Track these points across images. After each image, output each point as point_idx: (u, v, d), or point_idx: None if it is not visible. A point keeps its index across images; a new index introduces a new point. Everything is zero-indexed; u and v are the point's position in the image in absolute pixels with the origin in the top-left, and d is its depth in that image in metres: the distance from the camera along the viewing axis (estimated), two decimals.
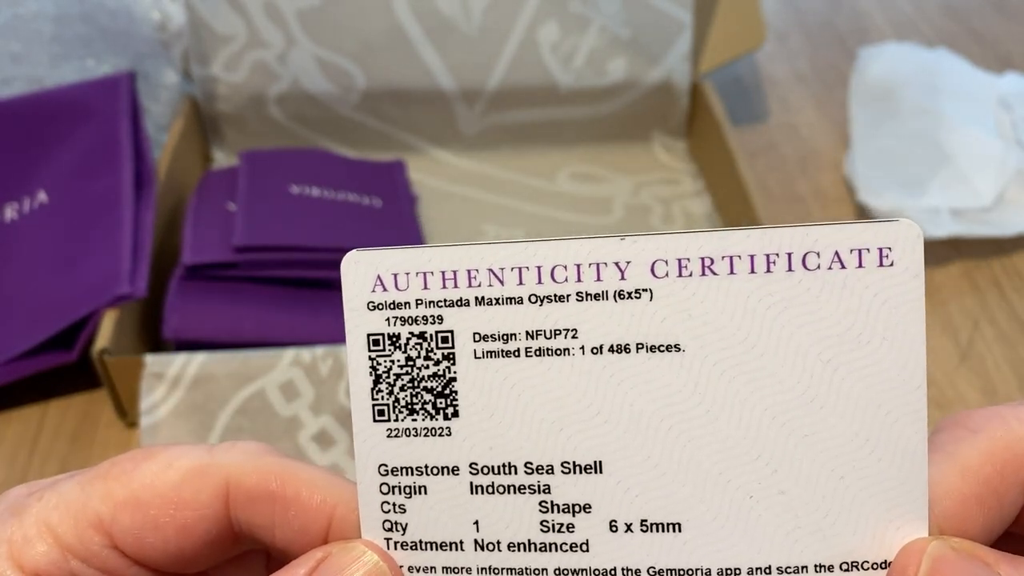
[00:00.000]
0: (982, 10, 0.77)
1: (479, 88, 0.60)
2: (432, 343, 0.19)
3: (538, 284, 0.19)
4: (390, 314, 0.19)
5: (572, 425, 0.19)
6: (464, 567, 0.20)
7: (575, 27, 0.59)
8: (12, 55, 0.56)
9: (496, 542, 0.20)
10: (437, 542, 0.20)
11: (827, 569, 0.19)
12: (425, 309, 0.19)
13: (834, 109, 0.67)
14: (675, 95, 0.61)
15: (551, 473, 0.19)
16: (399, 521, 0.20)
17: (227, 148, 0.61)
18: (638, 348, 0.19)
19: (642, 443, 0.19)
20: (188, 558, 0.20)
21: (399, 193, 0.56)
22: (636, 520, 0.19)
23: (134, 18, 0.56)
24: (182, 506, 0.20)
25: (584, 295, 0.19)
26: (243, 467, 0.20)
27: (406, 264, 0.19)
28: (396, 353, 0.19)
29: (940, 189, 0.55)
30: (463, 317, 0.19)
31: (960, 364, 0.51)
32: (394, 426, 0.20)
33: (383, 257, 0.19)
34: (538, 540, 0.19)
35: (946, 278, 0.55)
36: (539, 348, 0.19)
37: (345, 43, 0.58)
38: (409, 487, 0.20)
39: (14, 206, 0.51)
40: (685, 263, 0.18)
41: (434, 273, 0.19)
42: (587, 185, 0.60)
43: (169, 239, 0.51)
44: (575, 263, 0.18)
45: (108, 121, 0.52)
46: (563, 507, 0.19)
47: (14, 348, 0.45)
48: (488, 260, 0.19)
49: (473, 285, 0.19)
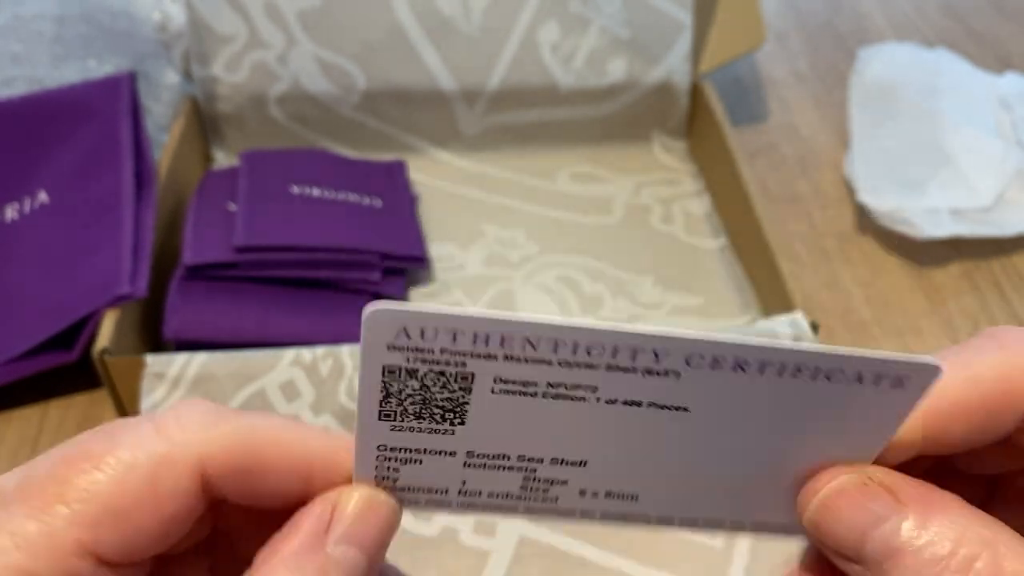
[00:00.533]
0: (982, 10, 0.77)
1: (479, 88, 0.60)
2: (451, 380, 0.19)
3: (572, 355, 0.18)
4: (411, 355, 0.19)
5: (570, 439, 0.20)
6: (447, 502, 0.22)
7: (575, 27, 0.59)
8: (13, 55, 0.56)
9: (479, 491, 0.22)
10: (424, 487, 0.21)
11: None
12: (450, 356, 0.19)
13: (834, 109, 0.67)
14: (675, 95, 0.61)
15: (540, 463, 0.21)
16: (390, 476, 0.21)
17: (227, 148, 0.61)
18: (649, 405, 0.19)
19: (627, 457, 0.21)
20: (175, 537, 0.20)
21: (399, 193, 0.56)
22: (601, 490, 0.22)
23: (135, 18, 0.56)
24: (161, 501, 0.19)
25: (614, 367, 0.19)
26: (209, 447, 0.20)
27: (435, 322, 0.18)
28: (412, 381, 0.19)
29: (940, 189, 0.55)
30: (488, 366, 0.19)
31: None
32: (399, 424, 0.20)
33: (410, 314, 0.18)
34: (516, 493, 0.22)
35: (946, 278, 0.55)
36: (557, 394, 0.19)
37: (345, 43, 0.58)
38: (405, 459, 0.20)
39: (15, 206, 0.51)
40: (721, 359, 0.19)
41: (465, 333, 0.18)
42: (587, 185, 0.60)
43: (170, 239, 0.51)
44: (613, 344, 0.18)
45: (109, 121, 0.52)
46: (544, 480, 0.21)
47: (14, 348, 0.45)
48: (524, 331, 0.18)
49: (505, 347, 0.18)
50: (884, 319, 0.53)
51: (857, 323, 0.53)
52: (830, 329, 0.52)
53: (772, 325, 0.44)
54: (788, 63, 0.72)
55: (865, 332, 0.52)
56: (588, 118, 0.62)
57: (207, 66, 0.58)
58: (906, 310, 0.53)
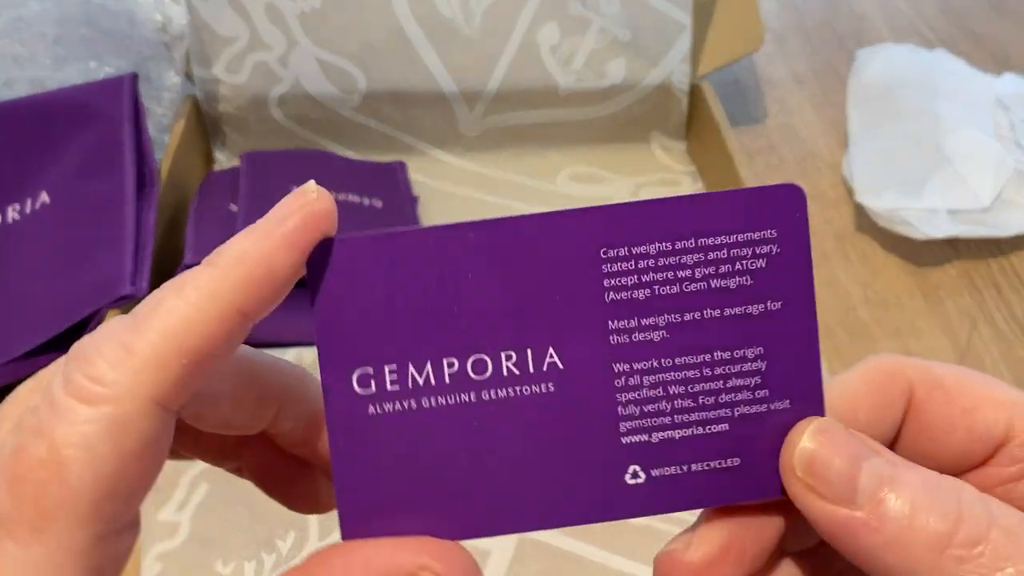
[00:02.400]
0: (980, 12, 0.78)
1: (479, 89, 0.60)
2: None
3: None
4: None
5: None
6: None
7: (575, 29, 0.59)
8: (15, 57, 0.56)
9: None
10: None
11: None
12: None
13: (832, 110, 0.67)
14: (674, 96, 0.61)
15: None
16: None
17: (229, 149, 0.61)
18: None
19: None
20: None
21: (400, 194, 0.56)
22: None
23: (136, 20, 0.57)
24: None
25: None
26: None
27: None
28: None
29: (938, 190, 0.55)
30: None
31: (958, 364, 0.51)
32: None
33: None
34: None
35: (944, 278, 0.55)
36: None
37: (346, 45, 0.58)
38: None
39: (16, 207, 0.51)
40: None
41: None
42: (587, 186, 0.60)
43: (171, 240, 0.52)
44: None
45: (110, 123, 0.52)
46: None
47: (16, 349, 0.45)
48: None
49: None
50: (883, 319, 0.53)
51: (856, 323, 0.53)
52: (829, 329, 0.52)
53: None
54: (787, 64, 0.72)
55: (864, 332, 0.52)
56: (588, 119, 0.62)
57: (208, 67, 0.58)
58: (904, 310, 0.54)
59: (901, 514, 0.18)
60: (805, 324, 0.20)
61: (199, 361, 0.18)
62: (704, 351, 0.20)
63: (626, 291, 0.20)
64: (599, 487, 0.20)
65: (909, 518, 0.18)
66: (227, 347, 0.19)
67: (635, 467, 0.20)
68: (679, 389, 0.20)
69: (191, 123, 0.58)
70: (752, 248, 0.20)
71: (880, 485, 0.19)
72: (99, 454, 0.17)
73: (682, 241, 0.20)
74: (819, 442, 0.20)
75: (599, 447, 0.20)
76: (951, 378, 0.22)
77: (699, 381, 0.20)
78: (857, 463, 0.19)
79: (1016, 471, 0.21)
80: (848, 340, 0.52)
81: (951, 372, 0.22)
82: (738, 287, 0.20)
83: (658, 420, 0.20)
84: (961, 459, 0.22)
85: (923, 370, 0.22)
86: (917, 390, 0.22)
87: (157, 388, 0.17)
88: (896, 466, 0.19)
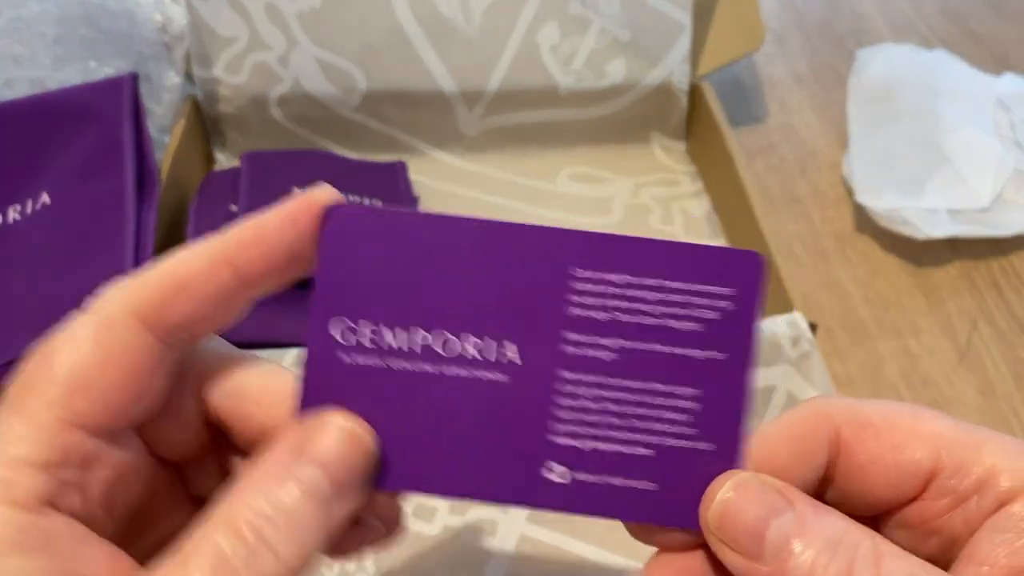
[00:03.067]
0: (980, 11, 0.78)
1: (479, 89, 0.60)
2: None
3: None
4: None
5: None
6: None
7: (575, 29, 0.59)
8: (14, 57, 0.56)
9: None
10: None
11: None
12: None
13: (832, 110, 0.67)
14: (674, 96, 0.61)
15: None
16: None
17: (229, 149, 0.61)
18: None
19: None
20: (153, 393, 0.22)
21: (400, 194, 0.56)
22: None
23: (136, 20, 0.57)
24: (116, 359, 0.21)
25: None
26: (136, 298, 0.22)
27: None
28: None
29: (938, 190, 0.55)
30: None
31: (958, 364, 0.51)
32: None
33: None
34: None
35: (944, 278, 0.55)
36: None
37: (346, 45, 0.58)
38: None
39: (17, 207, 0.51)
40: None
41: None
42: (587, 186, 0.60)
43: (171, 241, 0.52)
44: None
45: (110, 123, 0.52)
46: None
47: (16, 349, 0.45)
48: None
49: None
50: (883, 319, 0.53)
51: (856, 323, 0.53)
52: (829, 329, 0.52)
53: (771, 325, 0.44)
54: (787, 64, 0.72)
55: (864, 332, 0.53)
56: (588, 119, 0.62)
57: (208, 67, 0.58)
58: (904, 310, 0.54)
59: (802, 571, 0.20)
60: (741, 378, 0.22)
61: (181, 288, 0.21)
62: (647, 379, 0.22)
63: (589, 310, 0.22)
64: (521, 474, 0.22)
65: (808, 574, 0.20)
66: (215, 297, 0.22)
67: (560, 466, 0.22)
68: (617, 408, 0.22)
69: (191, 123, 0.58)
70: (709, 300, 0.22)
71: (786, 541, 0.20)
72: (80, 350, 0.21)
73: (649, 279, 0.22)
74: (732, 498, 0.21)
75: (526, 439, 0.22)
76: (879, 416, 0.22)
77: (636, 405, 0.22)
78: (766, 521, 0.20)
79: (949, 503, 0.22)
80: (848, 340, 0.52)
81: (879, 409, 0.23)
82: (690, 331, 0.22)
83: (592, 430, 0.22)
84: (894, 495, 0.22)
85: (851, 411, 0.23)
86: (844, 431, 0.22)
87: (138, 303, 0.21)
88: (804, 522, 0.20)
